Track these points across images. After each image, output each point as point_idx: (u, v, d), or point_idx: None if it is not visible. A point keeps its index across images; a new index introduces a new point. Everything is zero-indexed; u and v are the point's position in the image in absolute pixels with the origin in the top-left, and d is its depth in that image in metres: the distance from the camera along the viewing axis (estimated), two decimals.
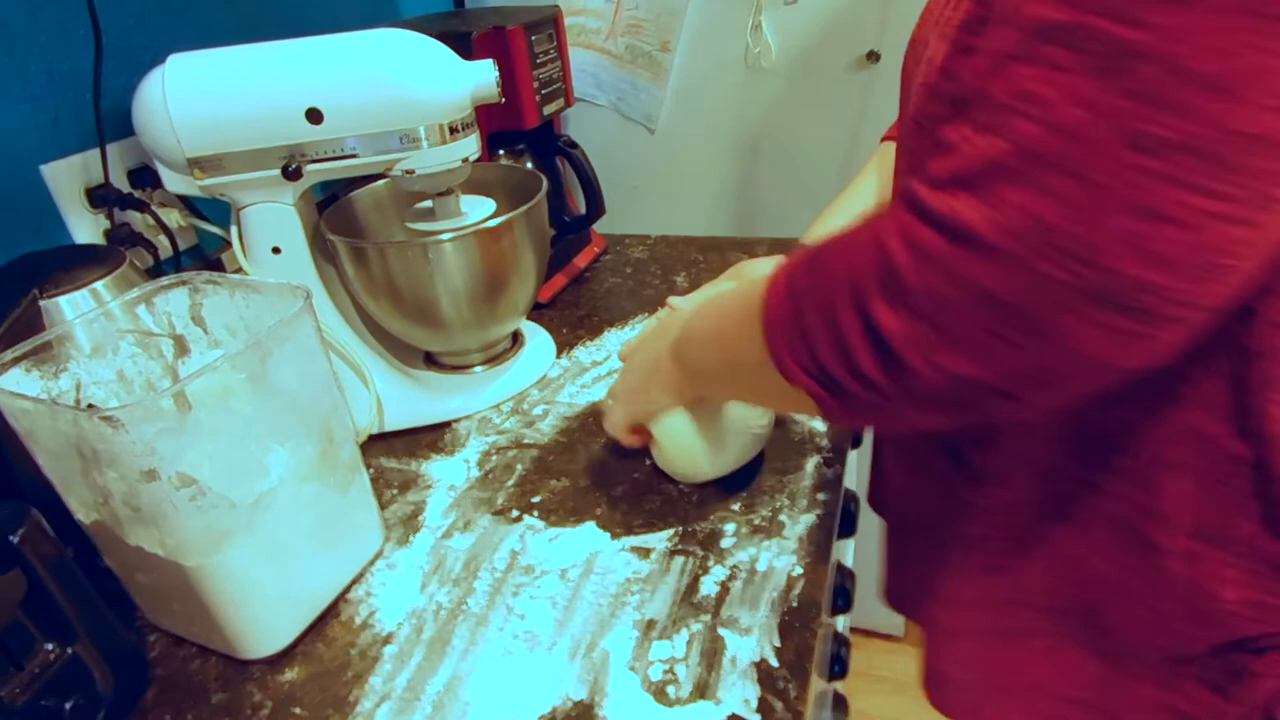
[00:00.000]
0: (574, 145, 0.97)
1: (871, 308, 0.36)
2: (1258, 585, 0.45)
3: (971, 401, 0.36)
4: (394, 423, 0.79)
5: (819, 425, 0.73)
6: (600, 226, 1.07)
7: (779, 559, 0.59)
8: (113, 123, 0.75)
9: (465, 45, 0.86)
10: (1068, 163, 0.30)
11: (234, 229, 0.72)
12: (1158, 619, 0.48)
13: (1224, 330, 0.40)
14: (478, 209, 0.78)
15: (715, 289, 0.69)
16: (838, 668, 0.83)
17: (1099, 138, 0.29)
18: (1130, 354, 0.32)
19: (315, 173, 0.68)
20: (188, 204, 0.84)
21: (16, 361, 0.51)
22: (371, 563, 0.63)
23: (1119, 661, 0.51)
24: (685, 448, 0.63)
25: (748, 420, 0.65)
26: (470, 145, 0.71)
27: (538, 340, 0.90)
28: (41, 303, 0.59)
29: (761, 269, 0.70)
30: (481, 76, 0.69)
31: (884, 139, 0.73)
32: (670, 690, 0.51)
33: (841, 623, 0.89)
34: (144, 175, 0.80)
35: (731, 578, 0.58)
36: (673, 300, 0.70)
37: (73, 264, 0.63)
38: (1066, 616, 0.52)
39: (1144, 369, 0.33)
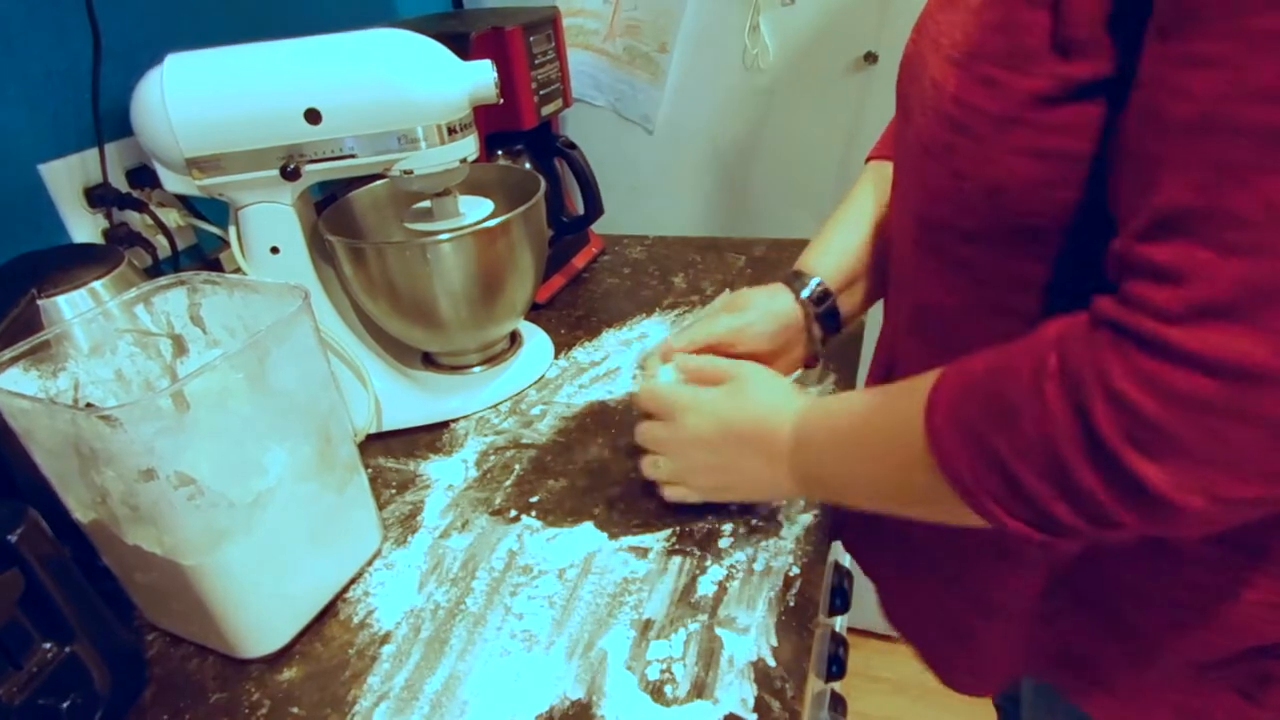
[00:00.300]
0: (572, 146, 0.98)
1: (1126, 462, 0.34)
2: (1275, 587, 0.45)
3: (1249, 514, 0.36)
4: (392, 423, 0.79)
5: None
6: (598, 227, 1.07)
7: (776, 559, 0.60)
8: (111, 122, 0.75)
9: (463, 46, 0.86)
10: None
11: (232, 229, 0.72)
12: (1178, 625, 0.48)
13: None
14: (476, 209, 0.78)
15: (710, 323, 0.67)
16: (835, 668, 0.83)
17: None
18: None
19: (314, 173, 0.69)
20: (186, 204, 0.84)
21: (15, 361, 0.51)
22: (369, 562, 0.63)
23: (1147, 665, 0.51)
24: None
25: None
26: (468, 146, 0.71)
27: (536, 340, 0.90)
28: (40, 302, 0.59)
29: (759, 298, 0.67)
30: (480, 77, 0.69)
31: (870, 158, 0.73)
32: (668, 690, 0.51)
33: (839, 623, 0.89)
34: (142, 175, 0.80)
35: (729, 577, 0.58)
36: (671, 339, 0.67)
37: (71, 264, 0.63)
38: (1094, 611, 0.52)
39: None
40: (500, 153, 0.98)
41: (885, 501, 0.51)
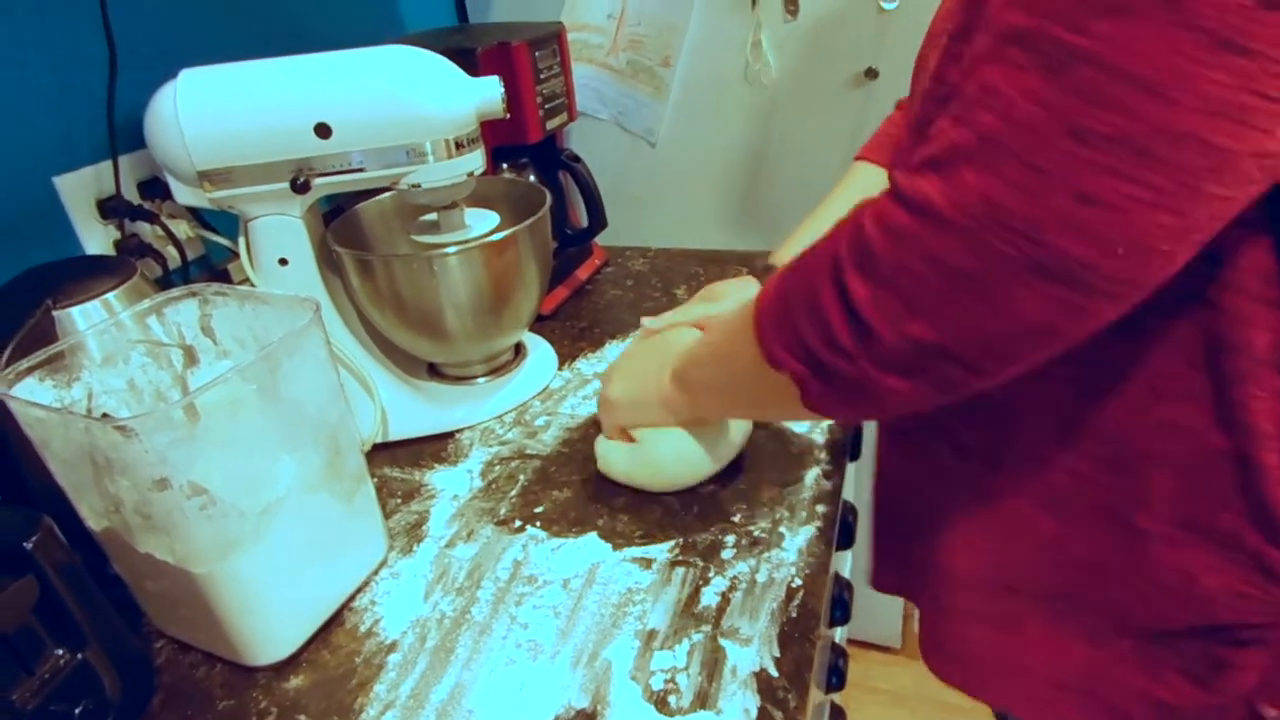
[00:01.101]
0: (576, 159, 0.99)
1: (846, 279, 0.39)
2: (1238, 575, 0.46)
3: (934, 370, 0.39)
4: (398, 433, 0.80)
5: (818, 437, 0.74)
6: (602, 239, 1.08)
7: (779, 570, 0.60)
8: (123, 135, 0.76)
9: (470, 61, 0.87)
10: (1019, 150, 0.34)
11: (242, 240, 0.73)
12: (1138, 595, 0.50)
13: (1197, 323, 0.42)
14: (482, 222, 0.79)
15: (684, 311, 0.71)
16: (835, 679, 0.83)
17: (1046, 129, 0.33)
18: (1069, 324, 0.36)
19: (323, 186, 0.70)
20: (196, 215, 0.85)
21: (31, 371, 0.52)
22: (376, 571, 0.64)
23: (1103, 643, 0.52)
24: (672, 455, 0.66)
25: (726, 434, 0.68)
26: (475, 160, 0.72)
27: (540, 352, 0.91)
28: (55, 313, 0.60)
29: (730, 289, 0.71)
30: (487, 93, 0.70)
31: (858, 157, 0.75)
32: (671, 700, 0.51)
33: (839, 634, 0.90)
34: (154, 187, 0.81)
35: (732, 588, 0.59)
36: (646, 321, 0.72)
37: (85, 275, 0.64)
38: (1055, 601, 0.53)
39: (1082, 338, 0.37)
40: (506, 166, 0.99)
41: (725, 383, 0.56)
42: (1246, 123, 0.31)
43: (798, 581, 0.59)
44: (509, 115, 0.73)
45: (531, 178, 1.00)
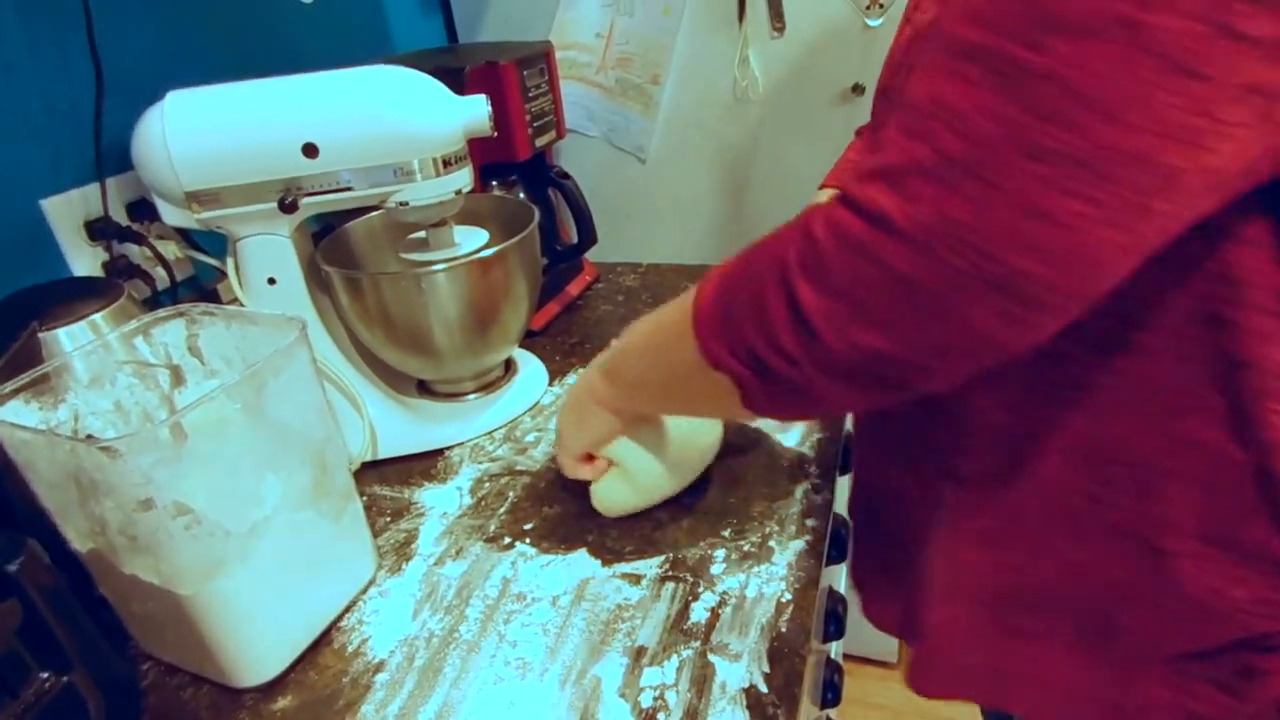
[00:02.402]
0: (566, 176, 0.99)
1: (794, 285, 0.39)
2: (1267, 584, 0.46)
3: (877, 374, 0.40)
4: (387, 450, 0.79)
5: (808, 451, 0.74)
6: (592, 255, 1.08)
7: (768, 585, 0.60)
8: (111, 157, 0.76)
9: (458, 80, 0.88)
10: (973, 166, 0.34)
11: (230, 260, 0.73)
12: (1167, 619, 0.49)
13: (1214, 342, 0.42)
14: (471, 239, 0.80)
15: None
16: (830, 695, 0.83)
17: (1000, 146, 0.34)
18: (1016, 335, 0.37)
19: (311, 205, 0.70)
20: (185, 236, 0.85)
21: (16, 393, 0.52)
22: (364, 590, 0.64)
23: (1131, 664, 0.52)
24: (635, 470, 0.65)
25: (693, 437, 0.67)
26: (463, 178, 0.72)
27: (530, 368, 0.91)
28: (41, 335, 0.60)
29: None
30: (474, 111, 0.70)
31: (822, 185, 0.75)
32: (660, 717, 0.51)
33: (835, 649, 0.89)
34: (142, 208, 0.81)
35: (721, 604, 0.59)
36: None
37: (71, 297, 0.64)
38: (1079, 617, 0.53)
39: (1027, 349, 0.38)
40: (495, 183, 1.00)
41: (659, 379, 0.56)
42: (1196, 143, 0.32)
43: (787, 596, 0.59)
44: (496, 133, 0.73)
45: (521, 195, 1.01)
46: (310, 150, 0.67)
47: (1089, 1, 0.31)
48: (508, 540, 0.67)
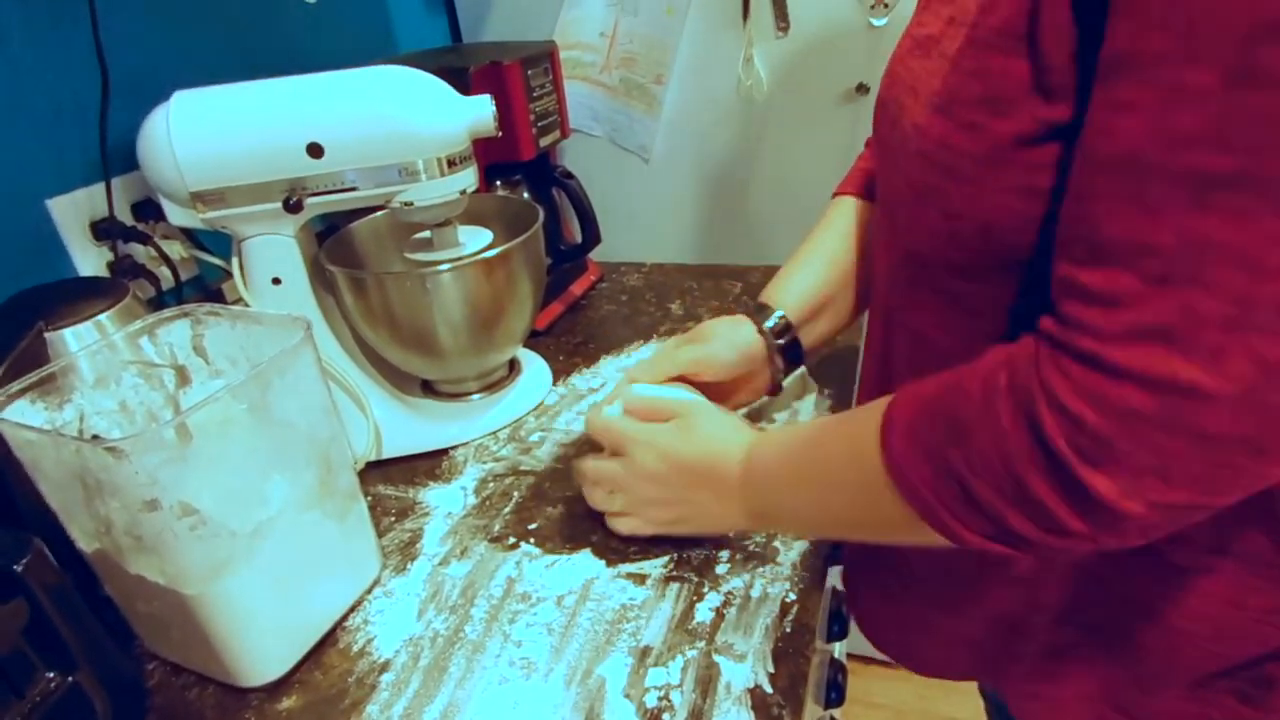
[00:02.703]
0: (570, 176, 0.99)
1: (1074, 471, 0.36)
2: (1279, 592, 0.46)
3: (1183, 519, 0.38)
4: (391, 450, 0.79)
5: None
6: (596, 255, 1.08)
7: (773, 585, 0.60)
8: (116, 157, 0.77)
9: (463, 80, 0.88)
10: (1276, 300, 0.32)
11: (235, 260, 0.74)
12: (1186, 638, 0.49)
13: None
14: (475, 239, 0.80)
15: (673, 353, 0.69)
16: (834, 694, 0.83)
17: None
18: None
19: (315, 205, 0.70)
20: (190, 236, 0.85)
21: (22, 393, 0.52)
22: (369, 590, 0.64)
23: (1153, 679, 0.52)
24: None
25: None
26: (468, 178, 0.72)
27: (534, 368, 0.91)
28: (46, 335, 0.60)
29: (720, 329, 0.70)
30: (479, 111, 0.70)
31: (837, 193, 0.74)
32: (665, 717, 0.51)
33: (838, 649, 0.89)
34: (147, 208, 0.82)
35: (726, 604, 0.59)
36: (633, 372, 0.69)
37: (77, 297, 0.64)
38: (1101, 633, 0.53)
39: None
40: (499, 183, 1.00)
41: (838, 527, 0.55)
42: None
43: (792, 596, 0.59)
44: (501, 133, 0.73)
45: (525, 195, 1.01)
46: (315, 150, 0.67)
47: None
48: (512, 540, 0.67)
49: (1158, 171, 0.33)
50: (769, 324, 0.69)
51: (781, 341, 0.70)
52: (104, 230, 0.78)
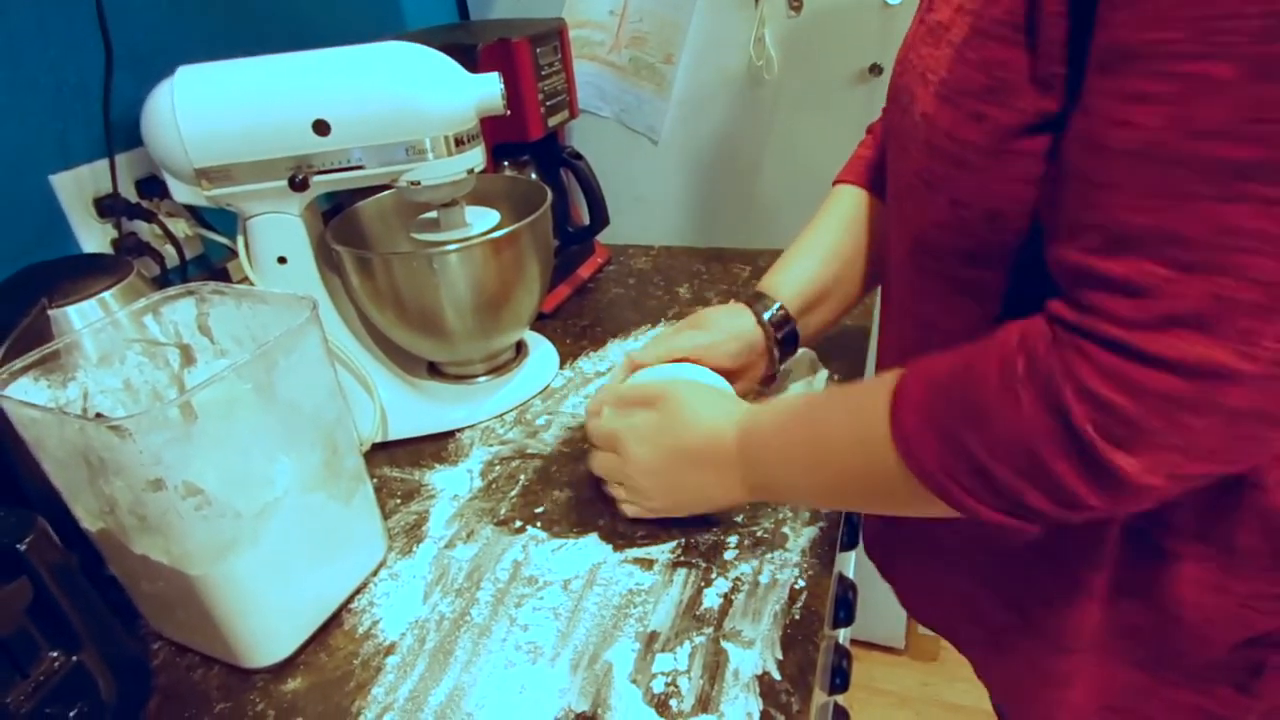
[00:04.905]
0: (578, 156, 0.98)
1: (1102, 455, 0.37)
2: (1267, 579, 0.47)
3: (1197, 486, 0.40)
4: (397, 432, 0.79)
5: None
6: (604, 237, 1.07)
7: (782, 571, 0.60)
8: (120, 133, 0.76)
9: (471, 58, 0.86)
10: None
11: (240, 239, 0.73)
12: (1179, 626, 0.50)
13: None
14: (482, 220, 0.79)
15: (673, 339, 0.69)
16: (839, 680, 0.83)
17: None
18: None
19: (321, 184, 0.69)
20: (194, 214, 0.84)
21: (25, 370, 0.51)
22: (374, 572, 0.63)
23: (1156, 672, 0.53)
24: None
25: None
26: (475, 157, 0.71)
27: (541, 350, 0.91)
28: (50, 312, 0.60)
29: (719, 317, 0.70)
30: (487, 89, 0.69)
31: (836, 181, 0.74)
32: (673, 703, 0.51)
33: (843, 635, 0.89)
34: (151, 185, 0.81)
35: (734, 590, 0.58)
36: (633, 355, 0.69)
37: (81, 274, 0.63)
38: (1102, 630, 0.53)
39: None
40: (506, 163, 0.99)
41: (840, 497, 0.56)
42: None
43: (801, 583, 0.58)
44: (509, 112, 0.72)
45: (533, 175, 1.00)
46: (321, 127, 0.66)
47: None
48: (519, 523, 0.67)
49: (1182, 162, 0.33)
50: (768, 315, 0.70)
51: (780, 333, 0.70)
52: (108, 207, 0.77)
